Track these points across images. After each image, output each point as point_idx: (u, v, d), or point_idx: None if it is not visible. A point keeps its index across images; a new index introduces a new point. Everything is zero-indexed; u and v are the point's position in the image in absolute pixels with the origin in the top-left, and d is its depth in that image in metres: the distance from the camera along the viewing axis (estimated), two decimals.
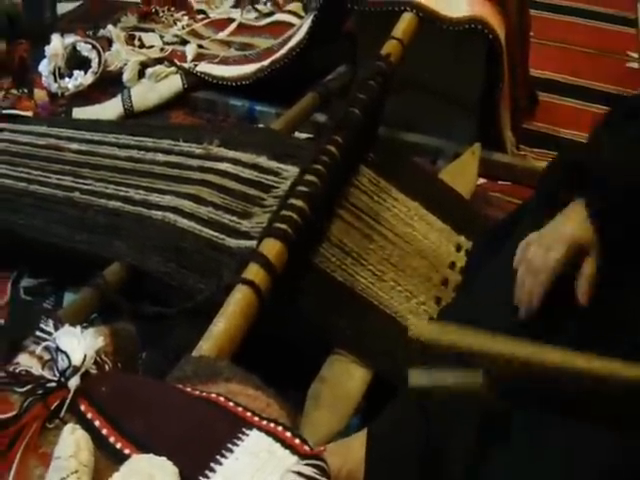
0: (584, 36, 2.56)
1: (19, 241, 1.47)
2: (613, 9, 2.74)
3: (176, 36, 2.38)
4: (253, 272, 1.07)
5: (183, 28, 2.43)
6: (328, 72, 2.00)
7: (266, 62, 2.05)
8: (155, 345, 1.21)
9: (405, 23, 1.65)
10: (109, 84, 2.16)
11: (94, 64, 2.15)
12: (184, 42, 2.35)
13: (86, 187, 1.50)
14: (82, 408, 0.75)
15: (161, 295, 1.27)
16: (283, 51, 2.02)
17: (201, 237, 1.32)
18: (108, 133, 1.66)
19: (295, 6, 2.57)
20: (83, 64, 2.16)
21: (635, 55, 2.42)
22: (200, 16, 2.54)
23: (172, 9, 2.57)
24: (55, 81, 2.10)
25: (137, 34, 2.36)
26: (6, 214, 1.49)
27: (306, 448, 0.70)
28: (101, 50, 2.17)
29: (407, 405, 1.01)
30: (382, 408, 1.04)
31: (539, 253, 0.97)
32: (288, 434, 0.71)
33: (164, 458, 0.68)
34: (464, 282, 1.35)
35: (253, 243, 1.20)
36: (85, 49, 2.16)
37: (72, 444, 0.70)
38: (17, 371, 0.78)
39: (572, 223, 0.97)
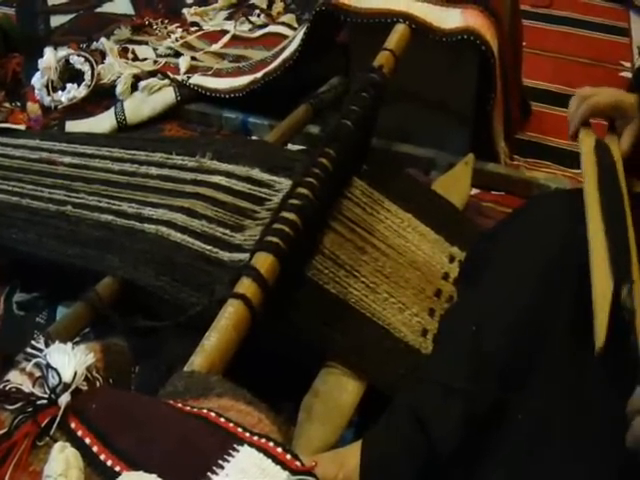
0: (577, 46, 2.57)
1: (12, 255, 1.47)
2: (606, 19, 2.74)
3: (169, 48, 2.38)
4: (245, 286, 1.06)
5: (176, 40, 2.43)
6: (321, 84, 2.00)
7: (259, 74, 2.06)
8: (147, 359, 1.20)
9: (398, 34, 1.65)
10: (102, 97, 2.16)
11: (87, 77, 2.15)
12: (177, 54, 2.35)
13: (79, 201, 1.50)
14: (72, 425, 0.75)
15: (154, 309, 1.26)
16: (276, 63, 2.02)
17: (194, 250, 1.32)
18: (101, 146, 1.66)
19: (288, 18, 2.57)
20: (76, 77, 2.16)
21: (628, 65, 2.43)
22: (193, 28, 2.55)
23: (165, 21, 2.57)
24: (48, 94, 2.11)
25: (130, 47, 2.36)
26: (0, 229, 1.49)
27: (297, 464, 0.69)
28: (94, 63, 2.17)
29: (401, 415, 1.01)
30: (375, 421, 1.03)
31: (588, 91, 1.18)
32: (279, 450, 0.71)
33: (155, 475, 0.68)
34: (457, 291, 1.35)
35: (246, 256, 1.20)
36: (78, 62, 2.16)
37: (62, 462, 0.69)
38: (7, 388, 0.77)
39: (630, 95, 1.16)
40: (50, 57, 2.12)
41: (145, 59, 2.30)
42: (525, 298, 1.02)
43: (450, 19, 1.72)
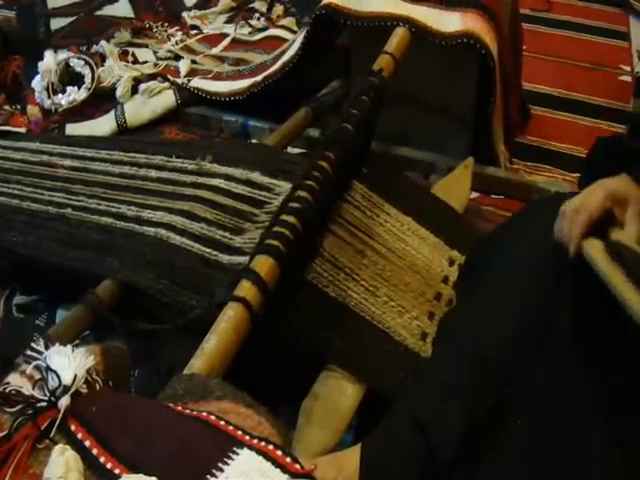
0: (577, 50, 2.57)
1: (12, 258, 1.47)
2: (605, 22, 2.75)
3: (170, 51, 2.38)
4: (245, 289, 1.06)
5: (177, 43, 2.44)
6: (321, 87, 2.01)
7: (259, 77, 2.06)
8: (147, 362, 1.20)
9: (398, 38, 1.65)
10: (102, 100, 2.16)
11: (87, 80, 2.15)
12: (178, 57, 2.35)
13: (78, 204, 1.50)
14: (72, 428, 0.75)
15: (153, 312, 1.26)
16: (276, 66, 2.03)
17: (193, 253, 1.32)
18: (101, 149, 1.67)
19: (288, 21, 2.58)
20: (76, 80, 2.16)
21: (628, 68, 2.43)
22: (194, 31, 2.55)
23: (166, 25, 2.57)
24: (48, 97, 2.11)
25: (130, 50, 2.37)
26: (0, 231, 1.49)
27: (297, 467, 0.70)
28: (94, 66, 2.17)
29: (401, 418, 1.01)
30: (375, 425, 1.03)
31: (579, 198, 0.99)
32: (279, 453, 0.71)
33: (154, 478, 0.68)
34: (457, 295, 1.35)
35: (246, 259, 1.20)
36: (78, 65, 2.16)
37: (62, 465, 0.70)
38: (7, 391, 0.77)
39: (612, 180, 0.99)
40: (50, 60, 2.12)
41: (145, 62, 2.30)
42: (524, 302, 1.02)
43: (450, 23, 1.72)
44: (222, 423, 0.75)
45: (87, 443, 0.74)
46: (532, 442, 0.90)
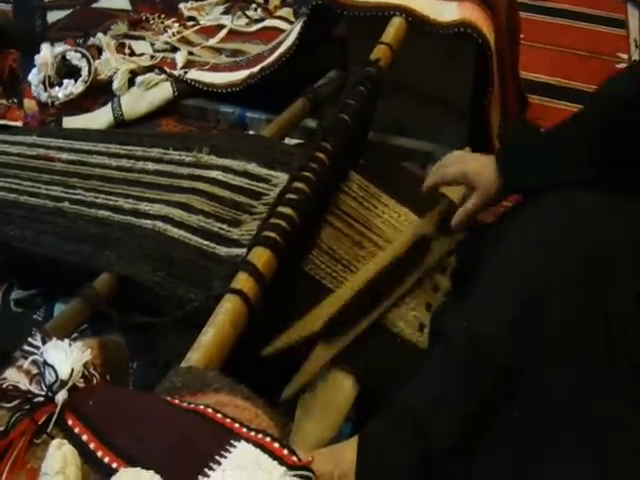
0: (574, 38, 2.56)
1: (9, 252, 1.47)
2: (603, 11, 2.74)
3: (166, 43, 2.38)
4: (242, 281, 1.06)
5: (173, 35, 2.43)
6: (318, 77, 2.00)
7: (256, 68, 2.05)
8: (145, 355, 1.20)
9: (395, 28, 1.65)
10: (99, 93, 2.15)
11: (84, 73, 2.14)
12: (174, 49, 2.35)
13: (76, 197, 1.50)
14: (70, 422, 0.75)
15: (151, 305, 1.26)
16: (273, 57, 2.02)
17: (191, 246, 1.32)
18: (98, 142, 1.66)
19: (286, 12, 2.57)
20: (73, 73, 2.15)
21: (625, 56, 2.43)
22: (190, 23, 2.54)
23: (162, 16, 2.56)
24: (45, 90, 2.10)
25: (127, 42, 2.36)
26: None
27: (294, 459, 0.70)
28: (91, 59, 2.16)
29: (398, 411, 1.01)
30: (372, 417, 1.03)
31: (446, 158, 1.32)
32: (276, 445, 0.71)
33: (152, 472, 0.68)
34: (453, 285, 1.35)
35: (243, 251, 1.20)
36: (75, 58, 2.16)
37: (59, 459, 0.70)
38: (4, 386, 0.77)
39: (476, 161, 1.23)
40: (47, 53, 2.12)
41: (142, 54, 2.29)
42: (522, 294, 1.02)
43: (447, 12, 1.72)
44: (219, 416, 0.75)
45: (84, 437, 0.74)
46: (529, 432, 0.90)
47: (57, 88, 2.12)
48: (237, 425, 0.74)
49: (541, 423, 0.91)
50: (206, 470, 0.68)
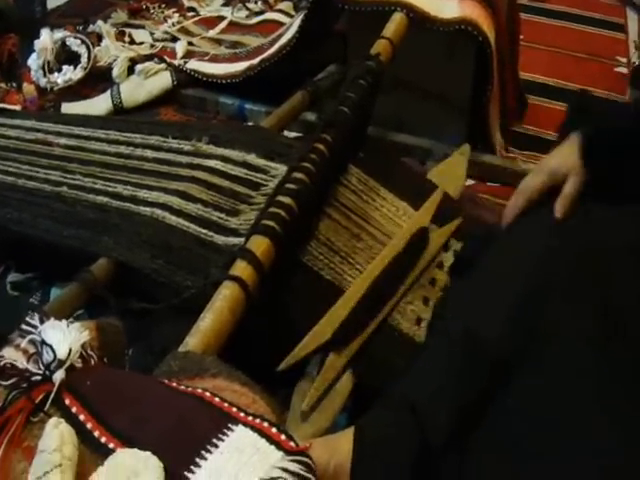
0: (574, 40, 2.57)
1: (7, 235, 1.46)
2: (602, 14, 2.75)
3: (166, 33, 2.38)
4: (240, 268, 1.07)
5: (173, 25, 2.43)
6: (318, 71, 2.01)
7: (256, 60, 2.05)
8: (142, 341, 1.20)
9: (395, 23, 1.65)
10: (98, 80, 2.15)
11: (83, 59, 2.14)
12: (174, 39, 2.35)
13: (74, 182, 1.49)
14: (67, 402, 0.75)
15: (148, 291, 1.26)
16: (273, 49, 2.02)
17: (189, 234, 1.32)
18: (97, 129, 1.66)
19: (286, 5, 2.57)
20: (72, 59, 2.15)
21: (624, 60, 2.43)
22: (191, 13, 2.55)
23: (163, 6, 2.57)
24: (44, 76, 2.10)
25: (127, 30, 2.36)
26: None
27: (292, 444, 0.70)
28: (91, 45, 2.17)
29: (394, 402, 1.01)
30: (368, 407, 1.04)
31: (524, 179, 1.15)
32: (274, 430, 0.71)
33: (149, 453, 0.68)
34: (452, 281, 1.35)
35: (241, 240, 1.20)
36: (75, 44, 2.16)
37: (56, 438, 0.70)
38: (1, 364, 0.77)
39: (558, 153, 1.13)
40: (46, 38, 2.11)
41: (142, 43, 2.30)
42: (521, 290, 1.02)
43: (448, 9, 1.72)
44: (217, 400, 0.75)
45: (81, 417, 0.74)
46: (525, 425, 0.91)
47: (56, 74, 2.12)
48: (235, 409, 0.74)
49: (537, 416, 0.91)
50: (204, 453, 0.68)
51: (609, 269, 0.97)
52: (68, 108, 2.04)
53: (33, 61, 2.11)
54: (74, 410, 0.75)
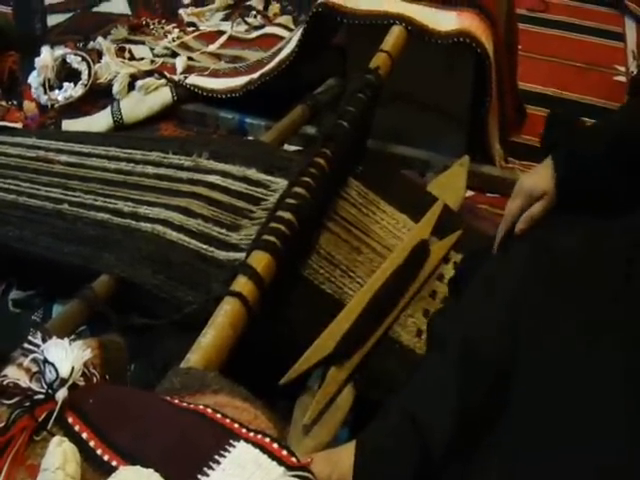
0: (572, 50, 2.58)
1: (8, 253, 1.47)
2: (601, 23, 2.76)
3: (166, 48, 2.39)
4: (241, 284, 1.07)
5: (173, 40, 2.44)
6: (318, 84, 2.01)
7: (256, 75, 2.06)
8: (143, 357, 1.21)
9: (394, 36, 1.66)
10: (99, 96, 2.16)
11: (84, 76, 2.15)
12: (174, 54, 2.36)
13: (75, 199, 1.50)
14: (70, 420, 0.75)
15: (150, 307, 1.27)
16: (273, 64, 2.03)
17: (190, 249, 1.32)
18: (97, 145, 1.67)
19: (285, 19, 2.58)
20: (73, 76, 2.16)
21: (622, 69, 2.44)
22: (190, 29, 2.55)
23: (162, 22, 2.58)
24: (45, 93, 2.10)
25: (127, 46, 2.37)
26: None
27: (293, 459, 0.70)
28: (91, 62, 2.17)
29: (395, 414, 1.01)
30: (369, 420, 1.04)
31: (507, 204, 1.20)
32: (275, 445, 0.71)
33: (151, 470, 0.68)
34: (451, 292, 1.35)
35: (242, 255, 1.20)
36: (75, 61, 2.16)
37: (59, 456, 0.70)
38: (4, 383, 0.77)
39: (535, 174, 1.19)
40: (47, 56, 2.12)
41: (142, 59, 2.30)
42: (512, 295, 1.03)
43: (446, 21, 1.73)
44: (219, 416, 0.76)
45: (84, 435, 0.74)
46: (525, 435, 0.91)
47: (57, 91, 2.12)
48: (237, 425, 0.74)
49: (535, 421, 0.91)
50: (206, 469, 0.69)
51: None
52: (69, 125, 2.05)
53: (34, 78, 2.11)
54: (77, 428, 0.75)
